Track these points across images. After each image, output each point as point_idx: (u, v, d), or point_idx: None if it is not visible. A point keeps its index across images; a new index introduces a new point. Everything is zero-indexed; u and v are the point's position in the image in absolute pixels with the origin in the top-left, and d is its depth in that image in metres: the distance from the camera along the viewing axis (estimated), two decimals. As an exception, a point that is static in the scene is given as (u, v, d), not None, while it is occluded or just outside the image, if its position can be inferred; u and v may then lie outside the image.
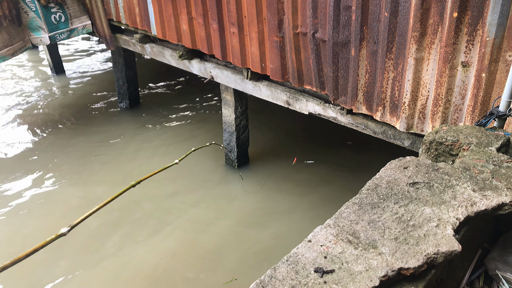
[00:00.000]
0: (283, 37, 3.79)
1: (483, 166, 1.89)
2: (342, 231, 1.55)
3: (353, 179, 5.04)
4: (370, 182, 1.82)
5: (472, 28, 2.64)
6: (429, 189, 1.75)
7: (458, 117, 2.95)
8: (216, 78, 4.90)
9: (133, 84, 6.91)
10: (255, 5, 3.83)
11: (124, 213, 4.74)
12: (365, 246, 1.49)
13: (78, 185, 5.23)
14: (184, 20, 4.73)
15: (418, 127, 3.17)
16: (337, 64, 3.42)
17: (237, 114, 5.09)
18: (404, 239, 1.51)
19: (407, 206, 1.66)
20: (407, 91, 3.05)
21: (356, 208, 1.67)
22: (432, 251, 1.45)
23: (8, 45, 5.33)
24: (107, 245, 4.32)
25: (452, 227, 1.56)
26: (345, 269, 1.40)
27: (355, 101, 3.45)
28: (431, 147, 2.17)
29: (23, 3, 5.34)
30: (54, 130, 6.54)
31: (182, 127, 6.41)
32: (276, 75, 4.03)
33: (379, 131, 3.54)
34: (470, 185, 1.77)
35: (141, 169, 5.48)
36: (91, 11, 5.87)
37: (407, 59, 2.95)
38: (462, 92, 2.85)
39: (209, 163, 5.49)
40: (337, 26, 3.25)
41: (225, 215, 4.69)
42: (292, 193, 4.91)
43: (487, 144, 2.05)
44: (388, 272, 1.39)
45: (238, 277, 3.90)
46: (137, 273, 3.98)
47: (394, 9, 2.88)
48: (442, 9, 2.69)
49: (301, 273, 1.39)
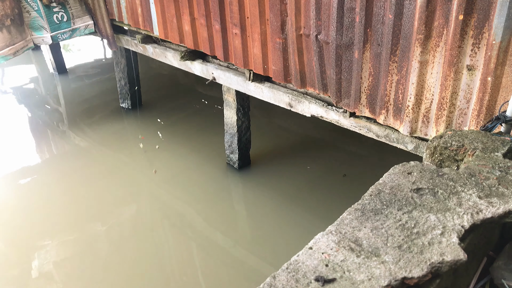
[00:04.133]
0: (285, 38, 3.76)
1: (489, 172, 1.85)
2: (344, 238, 1.51)
3: (357, 183, 5.00)
4: (373, 188, 1.78)
5: (478, 31, 2.59)
6: (433, 196, 1.71)
7: (463, 121, 2.90)
8: (218, 79, 4.87)
9: (135, 84, 6.88)
10: (257, 6, 3.80)
11: (124, 212, 4.71)
12: (367, 254, 1.45)
13: (78, 185, 5.20)
14: (186, 21, 4.70)
15: (422, 131, 3.12)
16: (340, 67, 3.38)
17: (239, 116, 5.05)
18: (408, 247, 1.47)
19: (411, 213, 1.62)
20: (411, 94, 3.01)
21: (359, 214, 1.63)
22: (437, 260, 1.41)
23: (10, 45, 5.31)
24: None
25: (457, 235, 1.51)
26: (347, 278, 1.36)
27: (358, 104, 3.41)
28: (436, 152, 2.13)
29: (25, 3, 5.32)
30: (54, 130, 6.52)
31: (183, 128, 6.38)
32: (279, 77, 4.00)
33: (382, 135, 3.50)
34: (476, 191, 1.73)
35: (141, 169, 5.45)
36: (93, 11, 5.85)
37: (411, 62, 2.90)
38: (467, 96, 2.80)
39: (209, 164, 5.46)
40: (341, 28, 3.21)
41: (225, 216, 4.65)
42: (293, 196, 4.87)
43: (493, 150, 2.01)
44: (391, 281, 1.35)
45: (236, 283, 3.86)
46: (131, 276, 3.94)
47: (399, 11, 2.84)
48: (448, 12, 2.65)
49: (301, 281, 1.35)
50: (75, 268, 4.07)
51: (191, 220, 4.61)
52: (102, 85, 7.92)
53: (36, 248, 4.30)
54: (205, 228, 4.50)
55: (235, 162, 5.31)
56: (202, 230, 4.47)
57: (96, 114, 6.90)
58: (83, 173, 5.43)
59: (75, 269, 4.05)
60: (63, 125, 6.67)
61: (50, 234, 4.47)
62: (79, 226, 4.56)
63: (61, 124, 6.67)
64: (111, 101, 7.27)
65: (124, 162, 5.67)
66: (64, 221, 4.63)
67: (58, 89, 7.95)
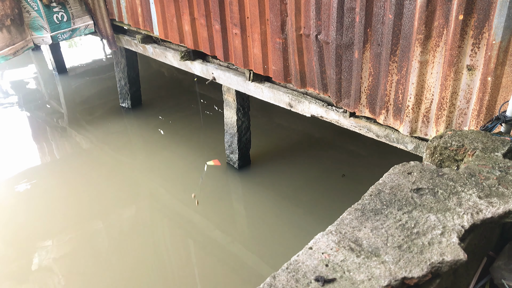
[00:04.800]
0: (285, 38, 3.76)
1: (489, 172, 1.85)
2: (344, 238, 1.51)
3: (357, 183, 5.00)
4: (373, 188, 1.78)
5: (478, 31, 2.59)
6: (433, 196, 1.71)
7: (462, 121, 2.90)
8: (218, 79, 4.87)
9: (135, 84, 6.88)
10: (257, 6, 3.80)
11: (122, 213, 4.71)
12: (367, 254, 1.45)
13: (78, 185, 5.20)
14: (187, 21, 4.70)
15: (422, 131, 3.12)
16: (340, 67, 3.38)
17: (239, 116, 5.05)
18: (408, 247, 1.47)
19: (411, 213, 1.62)
20: (411, 94, 3.01)
21: (359, 214, 1.63)
22: (437, 260, 1.41)
23: (10, 45, 5.30)
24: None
25: (457, 235, 1.51)
26: (347, 278, 1.36)
27: (358, 104, 3.41)
28: (436, 152, 2.13)
29: (25, 3, 5.32)
30: (54, 129, 6.52)
31: (183, 128, 6.38)
32: (279, 77, 3.99)
33: (382, 135, 3.50)
34: (476, 191, 1.72)
35: (141, 169, 5.45)
36: (93, 11, 5.85)
37: (411, 62, 2.90)
38: (467, 96, 2.80)
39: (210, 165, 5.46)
40: (341, 28, 3.21)
41: (225, 216, 4.65)
42: (293, 196, 4.87)
43: (493, 150, 2.01)
44: (391, 281, 1.35)
45: (235, 283, 3.86)
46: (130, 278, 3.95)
47: (399, 11, 2.84)
48: (448, 12, 2.65)
49: (301, 281, 1.35)
50: (75, 266, 4.07)
51: (191, 220, 4.61)
52: (102, 85, 7.92)
53: (36, 247, 4.30)
54: (205, 227, 4.50)
55: (235, 162, 5.31)
56: (202, 230, 4.47)
57: (96, 114, 6.90)
58: (83, 173, 5.43)
59: (75, 267, 4.05)
60: (64, 124, 6.67)
61: (51, 233, 4.47)
62: (79, 225, 4.56)
63: (62, 124, 6.67)
64: (111, 101, 7.27)
65: (124, 161, 5.67)
66: (65, 220, 4.63)
67: (59, 89, 7.95)
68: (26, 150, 6.03)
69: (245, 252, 4.19)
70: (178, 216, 4.67)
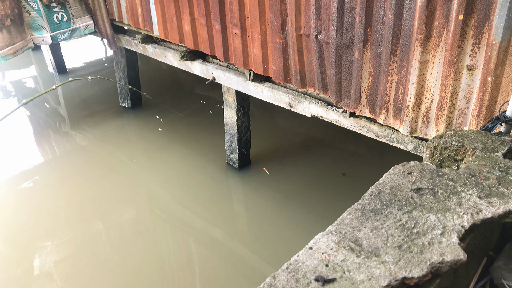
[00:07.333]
0: (285, 38, 3.76)
1: (489, 172, 1.85)
2: (344, 238, 1.51)
3: (357, 183, 5.00)
4: (373, 188, 1.78)
5: (478, 31, 2.59)
6: (433, 196, 1.71)
7: (463, 121, 2.90)
8: (218, 79, 4.87)
9: (135, 84, 6.88)
10: (258, 6, 3.80)
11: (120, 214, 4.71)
12: (367, 254, 1.45)
13: (79, 185, 5.20)
14: (187, 21, 4.70)
15: (422, 131, 3.12)
16: (340, 67, 3.38)
17: (239, 116, 5.05)
18: (408, 247, 1.47)
19: (411, 213, 1.62)
20: (411, 94, 3.01)
21: (359, 214, 1.63)
22: (437, 260, 1.41)
23: (10, 45, 5.31)
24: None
25: (457, 235, 1.51)
26: (347, 278, 1.36)
27: (358, 104, 3.41)
28: (436, 152, 2.13)
29: (25, 2, 5.32)
30: (54, 129, 6.52)
31: (183, 128, 6.38)
32: (279, 77, 3.99)
33: (382, 135, 3.50)
34: (476, 191, 1.72)
35: (141, 169, 5.45)
36: (93, 11, 5.85)
37: (412, 62, 2.90)
38: (467, 96, 2.80)
39: (209, 164, 5.46)
40: (341, 28, 3.21)
41: (225, 216, 4.65)
42: (293, 196, 4.86)
43: (493, 150, 2.01)
44: (391, 281, 1.35)
45: (235, 283, 3.86)
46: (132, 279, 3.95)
47: (399, 11, 2.84)
48: (448, 12, 2.65)
49: (301, 281, 1.35)
50: (76, 267, 4.07)
51: (191, 220, 4.61)
52: (101, 85, 7.92)
53: (37, 248, 4.30)
54: (205, 227, 4.50)
55: (235, 162, 5.31)
56: (202, 230, 4.47)
57: (96, 114, 6.90)
58: (83, 173, 5.43)
59: (76, 268, 4.05)
60: (64, 124, 6.66)
61: (51, 234, 4.47)
62: (79, 226, 4.56)
63: (62, 124, 6.67)
64: (111, 101, 7.27)
65: (124, 161, 5.67)
66: (65, 220, 4.63)
67: (58, 88, 7.95)
68: (25, 150, 6.03)
69: (245, 252, 4.19)
70: (178, 216, 4.67)
